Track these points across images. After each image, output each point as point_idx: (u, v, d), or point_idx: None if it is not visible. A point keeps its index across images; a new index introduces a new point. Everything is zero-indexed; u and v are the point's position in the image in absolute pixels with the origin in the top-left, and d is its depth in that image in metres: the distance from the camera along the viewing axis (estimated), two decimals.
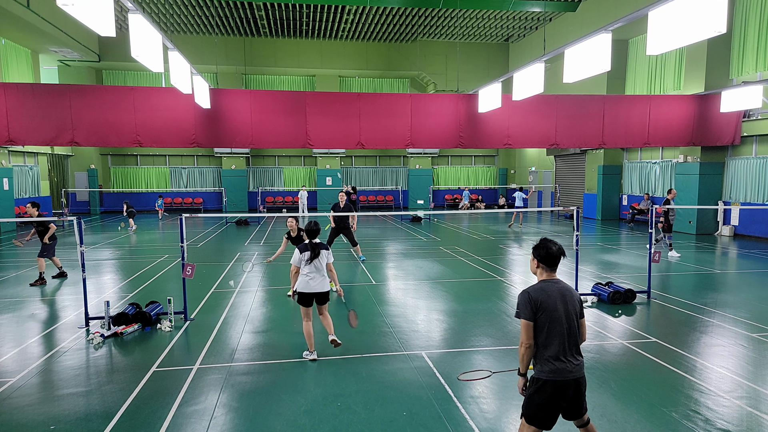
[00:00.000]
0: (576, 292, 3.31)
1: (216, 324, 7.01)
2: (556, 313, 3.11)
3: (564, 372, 3.09)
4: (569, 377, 3.11)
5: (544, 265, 3.27)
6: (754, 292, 8.80)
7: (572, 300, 3.21)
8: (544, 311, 3.10)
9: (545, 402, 3.13)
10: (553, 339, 3.10)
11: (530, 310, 3.10)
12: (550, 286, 3.19)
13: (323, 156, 28.93)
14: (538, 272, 3.32)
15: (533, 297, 3.12)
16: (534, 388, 3.16)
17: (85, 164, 26.80)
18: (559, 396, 3.12)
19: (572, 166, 24.43)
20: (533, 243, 3.35)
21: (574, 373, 3.12)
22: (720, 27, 6.07)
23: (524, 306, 3.12)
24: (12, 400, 4.74)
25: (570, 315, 3.16)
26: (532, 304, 3.10)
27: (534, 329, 3.11)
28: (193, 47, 24.51)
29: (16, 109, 12.69)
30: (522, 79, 12.39)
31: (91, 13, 6.11)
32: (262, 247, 14.39)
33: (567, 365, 3.10)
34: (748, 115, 15.70)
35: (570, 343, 3.14)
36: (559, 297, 3.15)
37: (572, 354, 3.14)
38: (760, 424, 4.22)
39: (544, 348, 3.11)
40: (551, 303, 3.11)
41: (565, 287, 3.23)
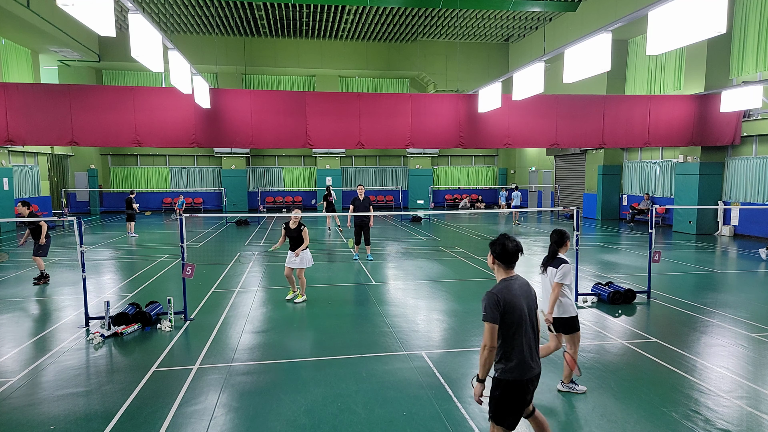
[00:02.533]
0: (531, 286, 3.34)
1: (216, 324, 7.01)
2: (521, 312, 3.11)
3: (529, 370, 3.13)
4: (533, 374, 3.16)
5: (500, 262, 3.24)
6: (754, 292, 8.80)
7: (531, 295, 3.25)
8: (510, 312, 3.08)
9: (516, 402, 3.14)
10: (519, 338, 3.10)
11: (497, 312, 3.05)
12: (512, 284, 3.18)
13: (323, 156, 28.93)
14: (496, 269, 3.29)
15: (499, 298, 3.08)
16: (501, 390, 3.13)
17: (85, 164, 26.79)
18: (525, 393, 3.16)
19: (572, 166, 24.44)
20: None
21: (536, 369, 3.18)
22: (720, 27, 6.07)
23: (492, 309, 3.05)
24: (12, 400, 4.74)
25: (531, 311, 3.18)
26: (499, 305, 3.06)
27: (500, 329, 3.07)
28: (193, 47, 24.51)
29: (16, 109, 12.69)
30: (522, 79, 12.39)
31: (91, 13, 6.11)
32: (261, 247, 14.39)
33: (531, 362, 3.14)
34: (748, 115, 15.70)
35: (533, 340, 3.17)
36: (522, 294, 3.16)
37: (535, 350, 3.18)
38: (760, 424, 4.22)
39: (512, 348, 3.10)
40: (517, 302, 3.11)
41: (524, 283, 3.25)
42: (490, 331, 3.03)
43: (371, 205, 12.07)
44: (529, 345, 3.13)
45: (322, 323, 7.20)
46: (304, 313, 7.66)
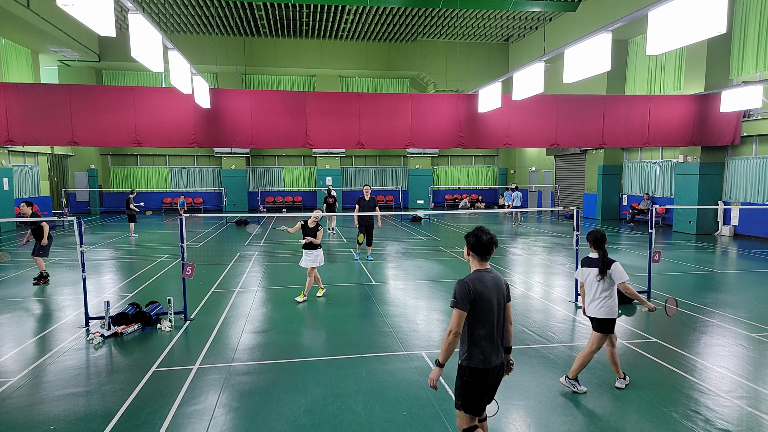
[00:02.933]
0: (503, 278, 3.41)
1: (216, 324, 7.01)
2: (490, 303, 3.21)
3: (492, 359, 3.23)
4: (496, 363, 3.25)
5: (474, 254, 3.30)
6: (754, 292, 8.80)
7: (502, 289, 3.32)
8: (480, 302, 3.17)
9: (480, 389, 3.24)
10: (486, 328, 3.21)
11: (467, 300, 3.15)
12: (485, 275, 3.26)
13: (323, 156, 28.93)
14: (470, 260, 3.35)
15: (471, 288, 3.17)
16: (468, 377, 3.23)
17: (85, 164, 26.80)
18: (488, 381, 3.26)
19: (572, 166, 24.44)
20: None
21: (500, 359, 3.29)
22: (720, 27, 6.07)
23: (463, 297, 3.15)
24: (12, 400, 4.73)
25: (500, 304, 3.28)
26: (470, 294, 3.16)
27: (468, 318, 3.18)
28: (193, 47, 24.51)
29: (16, 109, 12.69)
30: (522, 79, 12.39)
31: (91, 13, 6.11)
32: (262, 247, 14.39)
33: (495, 352, 3.24)
34: (748, 115, 15.70)
35: (498, 332, 3.28)
36: (493, 286, 3.24)
37: (499, 341, 3.29)
38: (760, 424, 4.23)
39: (478, 337, 3.20)
40: (487, 293, 3.20)
41: (496, 276, 3.32)
42: (457, 318, 3.14)
43: (377, 206, 12.07)
44: (493, 336, 3.24)
45: (322, 323, 7.20)
46: (304, 313, 7.66)
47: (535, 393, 4.82)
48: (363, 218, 11.89)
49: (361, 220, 11.92)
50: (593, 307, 4.80)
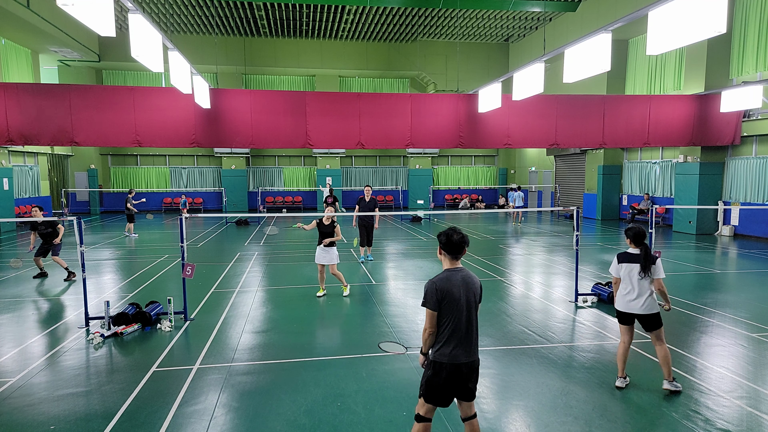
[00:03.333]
0: (477, 278, 3.47)
1: (216, 324, 7.01)
2: (458, 303, 3.29)
3: (459, 356, 3.30)
4: (463, 360, 3.31)
5: (446, 253, 3.39)
6: (754, 292, 8.80)
7: (473, 288, 3.38)
8: (447, 300, 3.27)
9: (442, 383, 3.33)
10: (454, 326, 3.30)
11: (436, 300, 3.27)
12: (454, 275, 3.33)
13: (323, 156, 28.93)
14: (442, 259, 3.45)
15: (438, 287, 3.27)
16: (432, 370, 3.35)
17: (85, 164, 26.80)
18: (454, 378, 3.32)
19: (572, 166, 24.43)
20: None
21: (470, 356, 3.34)
22: (720, 27, 6.06)
23: (431, 296, 3.28)
24: (12, 400, 4.73)
25: (470, 303, 3.34)
26: (437, 294, 3.26)
27: (438, 316, 3.30)
28: (193, 47, 24.51)
29: (16, 109, 12.69)
30: (522, 79, 12.39)
31: (91, 13, 6.11)
32: (262, 247, 14.39)
33: (463, 350, 3.31)
34: (748, 115, 15.70)
35: (468, 330, 3.34)
36: (462, 286, 3.31)
37: (469, 339, 3.35)
38: (760, 424, 4.22)
39: (447, 334, 3.31)
40: (455, 292, 3.28)
41: (467, 275, 3.38)
42: (429, 317, 3.31)
43: (377, 206, 12.04)
44: (462, 334, 3.31)
45: (322, 323, 7.20)
46: (304, 313, 7.66)
47: (535, 393, 4.82)
48: (363, 219, 11.89)
49: (361, 221, 11.92)
50: (646, 305, 4.75)
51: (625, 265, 4.85)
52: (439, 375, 3.33)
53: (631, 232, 4.87)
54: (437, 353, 3.35)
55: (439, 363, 3.33)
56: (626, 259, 4.87)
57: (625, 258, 4.88)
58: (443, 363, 3.31)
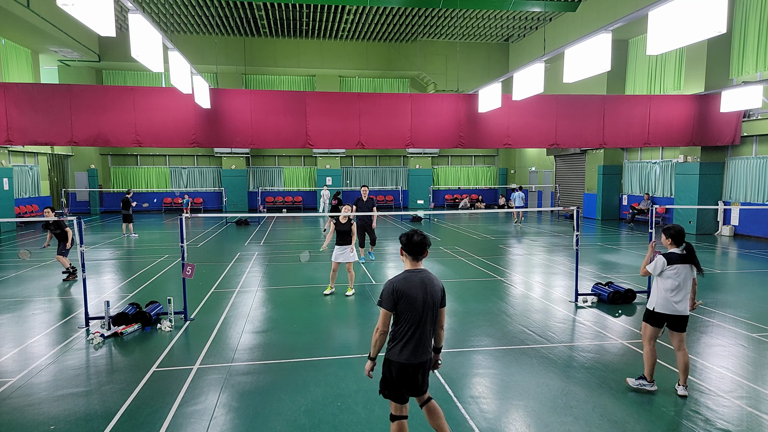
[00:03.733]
0: (439, 281, 3.49)
1: (216, 324, 7.02)
2: (415, 303, 3.31)
3: (418, 356, 3.36)
4: (413, 362, 3.37)
5: (407, 254, 3.43)
6: (754, 292, 8.80)
7: (433, 290, 3.39)
8: (405, 301, 3.30)
9: (399, 382, 3.40)
10: (411, 326, 3.33)
11: (392, 300, 3.30)
12: (413, 276, 3.37)
13: (323, 156, 28.94)
14: (404, 260, 3.49)
15: (396, 288, 3.31)
16: (387, 369, 3.42)
17: (85, 164, 26.80)
18: (406, 376, 3.39)
19: (572, 166, 24.44)
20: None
21: (421, 357, 3.39)
22: (720, 27, 6.06)
23: (387, 297, 3.31)
24: (12, 400, 4.74)
25: (428, 304, 3.36)
26: (394, 294, 3.29)
27: (395, 316, 3.35)
28: (193, 47, 24.51)
29: (16, 109, 12.68)
30: (522, 79, 12.39)
31: (91, 13, 6.11)
32: (262, 247, 14.39)
33: (416, 351, 3.36)
34: (748, 115, 15.70)
35: (425, 330, 3.38)
36: (420, 287, 3.34)
37: (426, 340, 3.40)
38: (760, 424, 4.23)
39: (403, 334, 3.35)
40: (413, 293, 3.31)
41: (427, 277, 3.41)
42: (383, 317, 3.33)
43: (375, 206, 11.94)
44: (421, 335, 3.36)
45: (322, 323, 7.20)
46: (304, 313, 7.66)
47: (535, 393, 4.82)
48: (361, 219, 11.81)
49: (359, 221, 11.83)
50: (687, 305, 4.68)
51: (678, 266, 4.66)
52: (394, 373, 3.39)
53: (673, 230, 4.71)
54: (390, 352, 3.41)
55: (392, 362, 3.39)
56: (678, 259, 4.67)
57: (677, 259, 4.68)
58: (395, 362, 3.37)
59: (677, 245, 4.72)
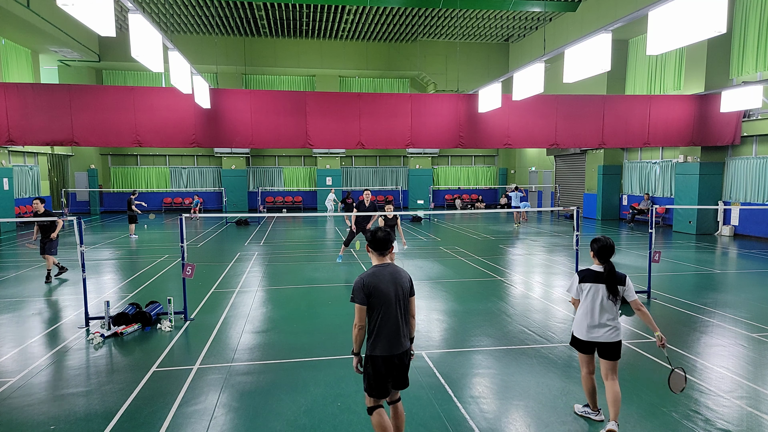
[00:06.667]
0: (406, 273, 3.63)
1: (216, 324, 7.01)
2: (387, 296, 3.44)
3: (393, 348, 3.46)
4: (397, 352, 3.48)
5: (373, 249, 3.60)
6: (754, 292, 8.80)
7: (401, 282, 3.53)
8: (376, 295, 3.42)
9: (380, 375, 3.48)
10: (385, 319, 3.45)
11: (363, 295, 3.41)
12: (381, 270, 3.51)
13: (323, 156, 28.94)
14: (371, 256, 3.65)
15: (366, 282, 3.43)
16: (371, 365, 3.49)
17: (85, 164, 26.80)
18: (389, 369, 3.48)
19: (572, 166, 24.43)
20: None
21: (400, 348, 3.49)
22: (720, 27, 6.06)
23: (358, 291, 3.42)
24: (12, 400, 4.73)
25: (399, 296, 3.50)
26: (365, 289, 3.41)
27: (368, 311, 3.45)
28: (193, 47, 24.51)
29: (16, 109, 12.68)
30: (522, 79, 12.39)
31: (91, 13, 6.11)
32: (262, 247, 14.39)
33: (393, 342, 3.46)
34: (748, 115, 15.70)
35: (399, 322, 3.49)
36: (390, 280, 3.48)
37: (401, 331, 3.50)
38: (760, 424, 4.22)
39: (378, 327, 3.45)
40: (383, 287, 3.44)
41: (395, 270, 3.55)
42: (358, 312, 3.43)
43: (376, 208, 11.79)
44: (396, 325, 3.47)
45: (322, 323, 7.20)
46: (304, 313, 7.66)
47: (535, 393, 4.82)
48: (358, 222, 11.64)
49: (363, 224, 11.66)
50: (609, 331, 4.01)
51: (589, 285, 4.07)
52: (376, 368, 3.47)
53: (597, 245, 4.08)
54: (370, 347, 3.50)
55: (373, 356, 3.48)
56: (590, 277, 4.07)
57: (590, 276, 4.08)
58: (377, 356, 3.46)
59: (600, 261, 4.08)
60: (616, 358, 4.06)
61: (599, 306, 4.03)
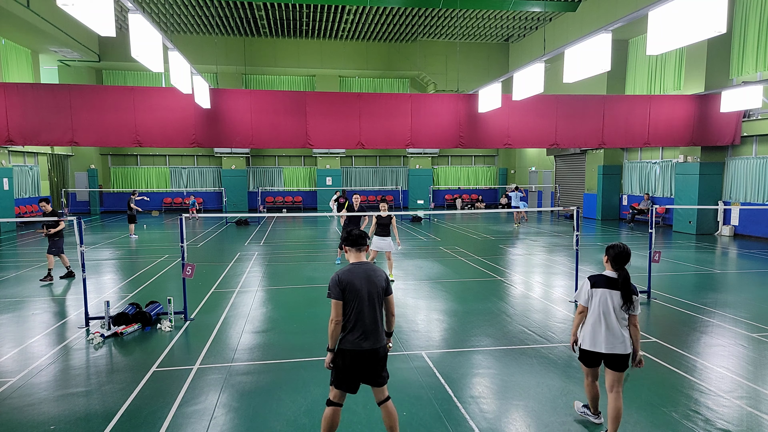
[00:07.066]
0: (381, 271, 3.74)
1: (216, 324, 7.01)
2: (360, 292, 3.57)
3: (362, 343, 3.55)
4: (366, 348, 3.56)
5: (349, 248, 3.76)
6: (754, 292, 8.80)
7: (376, 280, 3.64)
8: (350, 291, 3.55)
9: (347, 369, 3.59)
10: (357, 315, 3.56)
11: (338, 290, 3.55)
12: (356, 268, 3.65)
13: (323, 156, 28.94)
14: (347, 254, 3.80)
15: (341, 278, 3.57)
16: (340, 359, 3.60)
17: (85, 164, 26.80)
18: (358, 364, 3.58)
19: (572, 166, 24.43)
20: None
21: (373, 344, 3.58)
22: (720, 27, 6.06)
23: (334, 287, 3.57)
24: (12, 400, 4.73)
25: (372, 294, 3.60)
26: (340, 285, 3.55)
27: (343, 306, 3.56)
28: (193, 47, 24.51)
29: (16, 109, 12.69)
30: (522, 79, 12.39)
31: (91, 13, 6.11)
32: (262, 247, 14.39)
33: (366, 338, 3.56)
34: (748, 115, 15.70)
35: (371, 319, 3.59)
36: (364, 277, 3.61)
37: (372, 328, 3.59)
38: (760, 424, 4.22)
39: (351, 322, 3.57)
40: (357, 283, 3.57)
41: (370, 268, 3.68)
42: (334, 307, 3.55)
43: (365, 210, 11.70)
44: (368, 322, 3.57)
45: (322, 323, 7.19)
46: (304, 313, 7.66)
47: (535, 393, 4.82)
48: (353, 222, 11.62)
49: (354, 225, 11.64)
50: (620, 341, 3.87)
51: (600, 291, 3.88)
52: (344, 361, 3.57)
53: (613, 252, 3.90)
54: (342, 341, 3.59)
55: (343, 350, 3.57)
56: (603, 283, 3.90)
57: (602, 282, 3.91)
58: (347, 350, 3.55)
59: (614, 268, 3.93)
60: (624, 368, 3.91)
61: (612, 314, 3.83)
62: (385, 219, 9.77)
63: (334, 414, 3.64)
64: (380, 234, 9.77)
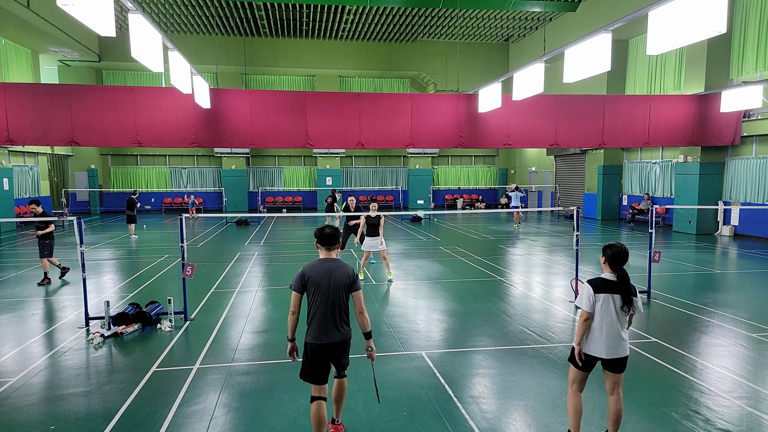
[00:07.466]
0: (348, 268, 3.80)
1: (216, 324, 7.01)
2: (321, 287, 3.69)
3: (325, 336, 3.69)
4: (329, 341, 3.70)
5: (320, 245, 3.85)
6: (754, 292, 8.80)
7: (340, 277, 3.72)
8: (312, 284, 3.69)
9: (312, 362, 3.73)
10: (318, 308, 3.68)
11: (300, 284, 3.69)
12: (322, 264, 3.76)
13: (323, 156, 28.94)
14: (319, 250, 3.88)
15: (304, 272, 3.72)
16: (305, 352, 3.76)
17: (85, 164, 26.80)
18: (322, 356, 3.72)
19: (572, 166, 24.43)
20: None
21: (335, 337, 3.71)
22: (720, 27, 6.07)
23: (296, 280, 3.71)
24: (12, 400, 4.73)
25: (334, 289, 3.70)
26: (303, 279, 3.70)
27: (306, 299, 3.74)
28: (193, 47, 24.51)
29: (16, 109, 12.68)
30: (522, 79, 12.39)
31: (91, 13, 6.11)
32: (262, 247, 14.39)
33: (327, 331, 3.69)
34: (748, 115, 15.70)
35: (333, 312, 3.70)
36: (326, 273, 3.71)
37: (334, 321, 3.71)
38: (760, 424, 4.22)
39: (312, 316, 3.71)
40: (319, 277, 3.69)
41: (335, 265, 3.76)
42: (292, 299, 3.71)
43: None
44: (326, 316, 3.69)
45: None
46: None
47: (535, 393, 4.82)
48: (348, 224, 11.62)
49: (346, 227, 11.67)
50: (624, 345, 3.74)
51: (603, 296, 3.70)
52: (309, 354, 3.72)
53: (611, 251, 3.72)
54: (307, 335, 3.73)
55: (308, 344, 3.72)
56: (603, 287, 3.72)
57: (602, 286, 3.72)
58: (311, 343, 3.70)
59: (612, 269, 3.75)
60: (624, 370, 3.83)
61: (615, 319, 3.68)
62: (374, 219, 9.92)
63: (318, 408, 3.74)
64: (370, 234, 9.98)
